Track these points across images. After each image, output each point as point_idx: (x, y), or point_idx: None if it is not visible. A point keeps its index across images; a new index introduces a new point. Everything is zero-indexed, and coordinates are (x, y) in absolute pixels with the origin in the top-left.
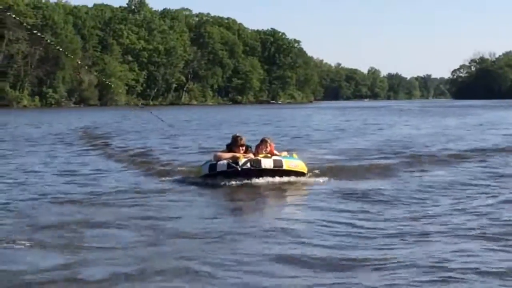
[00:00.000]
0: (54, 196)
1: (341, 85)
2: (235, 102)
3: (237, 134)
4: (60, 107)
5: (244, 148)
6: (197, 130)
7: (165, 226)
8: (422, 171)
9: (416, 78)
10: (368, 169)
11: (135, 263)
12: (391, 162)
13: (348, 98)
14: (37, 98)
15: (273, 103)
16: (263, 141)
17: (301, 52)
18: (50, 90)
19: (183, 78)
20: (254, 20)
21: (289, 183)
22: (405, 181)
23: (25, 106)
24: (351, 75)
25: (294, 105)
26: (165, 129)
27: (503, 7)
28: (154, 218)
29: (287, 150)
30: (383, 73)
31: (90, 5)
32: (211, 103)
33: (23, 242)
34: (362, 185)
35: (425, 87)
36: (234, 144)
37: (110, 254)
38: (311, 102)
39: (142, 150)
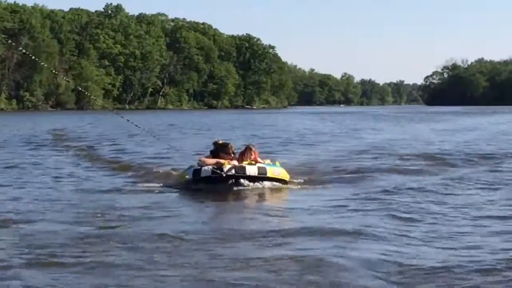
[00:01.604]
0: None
1: (315, 91)
2: (210, 106)
3: (227, 142)
4: (37, 111)
5: (232, 155)
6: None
7: (147, 230)
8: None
9: (389, 84)
10: (353, 173)
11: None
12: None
13: (321, 104)
14: (14, 101)
15: (248, 108)
16: (248, 149)
17: (276, 57)
18: (27, 94)
19: (159, 83)
20: (229, 25)
21: (272, 189)
22: (388, 185)
23: (2, 109)
24: (325, 81)
25: (269, 110)
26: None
27: (476, 15)
28: (137, 220)
29: (271, 158)
30: (357, 78)
31: (66, 9)
32: (186, 108)
33: None
34: (341, 191)
35: (398, 93)
36: (223, 151)
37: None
38: (285, 107)
39: (119, 154)
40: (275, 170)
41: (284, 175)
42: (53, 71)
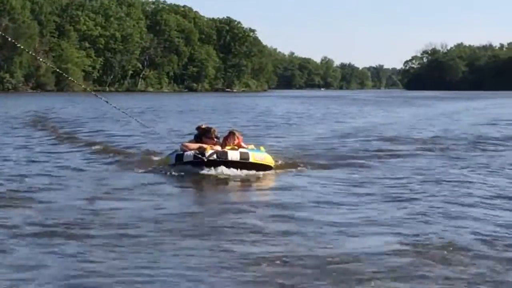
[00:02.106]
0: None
1: (294, 74)
2: (190, 89)
3: (210, 126)
4: (17, 92)
5: (215, 140)
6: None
7: (131, 217)
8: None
9: (369, 69)
10: (341, 158)
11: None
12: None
13: (301, 87)
14: None
15: (228, 91)
16: (231, 134)
17: (256, 41)
18: (7, 75)
19: (139, 65)
20: (209, 8)
21: (255, 175)
22: (370, 171)
23: None
24: (304, 64)
25: (249, 93)
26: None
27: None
28: (121, 209)
29: (255, 144)
30: (336, 62)
31: None
32: (166, 90)
33: None
34: (334, 174)
35: (377, 77)
36: (206, 136)
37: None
38: (265, 90)
39: (102, 137)
40: (258, 155)
41: (269, 161)
42: (32, 53)
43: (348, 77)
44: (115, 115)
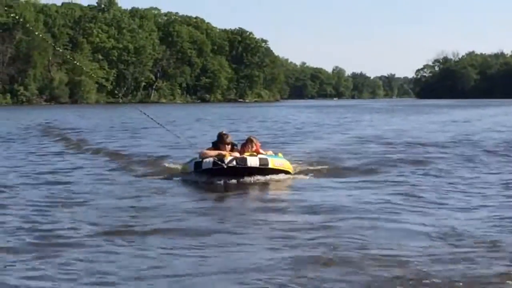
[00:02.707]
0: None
1: (306, 84)
2: (203, 100)
3: (224, 132)
4: (32, 105)
5: (230, 146)
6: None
7: (150, 225)
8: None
9: (380, 78)
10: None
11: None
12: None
13: (312, 97)
14: (8, 95)
15: (240, 101)
16: (249, 140)
17: (268, 51)
18: (21, 88)
19: (152, 77)
20: (222, 19)
21: (275, 181)
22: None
23: None
24: (316, 74)
25: (262, 103)
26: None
27: (467, 7)
28: (139, 217)
29: (273, 150)
30: (348, 72)
31: (59, 3)
32: (179, 102)
33: None
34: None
35: (389, 86)
36: (220, 142)
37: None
38: (277, 101)
39: (123, 147)
40: (277, 161)
41: (287, 166)
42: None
43: (360, 87)
44: (133, 125)
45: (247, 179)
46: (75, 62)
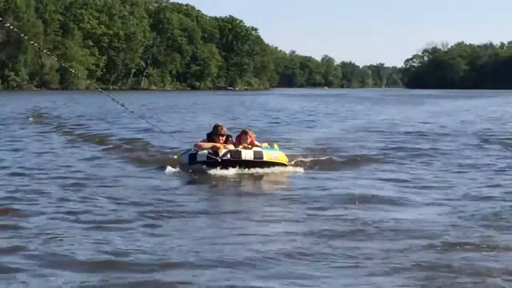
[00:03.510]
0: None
1: (295, 73)
2: (193, 88)
3: (219, 123)
4: (22, 90)
5: (224, 137)
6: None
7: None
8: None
9: (369, 67)
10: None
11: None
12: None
13: (301, 86)
14: None
15: (230, 89)
16: (244, 132)
17: (258, 39)
18: (12, 73)
19: (143, 64)
20: (212, 7)
21: (269, 174)
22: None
23: None
24: (305, 63)
25: (252, 91)
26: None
27: None
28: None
29: (268, 141)
30: (337, 61)
31: None
32: (169, 89)
33: None
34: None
35: (378, 76)
36: (215, 133)
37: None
38: (267, 89)
39: (113, 137)
40: (272, 154)
41: (283, 159)
42: (40, 49)
43: (349, 76)
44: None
45: (241, 171)
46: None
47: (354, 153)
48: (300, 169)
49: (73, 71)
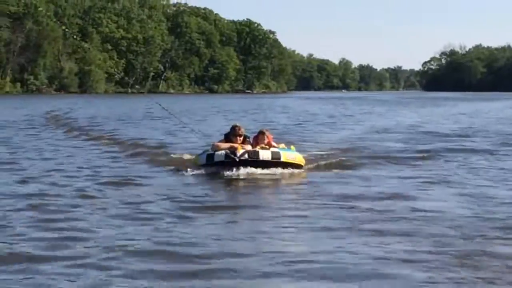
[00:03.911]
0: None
1: (313, 76)
2: (211, 91)
3: (236, 124)
4: (41, 94)
5: (242, 138)
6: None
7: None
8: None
9: (387, 70)
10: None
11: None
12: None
13: (319, 89)
14: (18, 84)
15: (248, 92)
16: (261, 133)
17: (276, 42)
18: (31, 77)
19: (161, 67)
20: (230, 10)
21: (286, 175)
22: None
23: (7, 92)
24: (323, 66)
25: (270, 94)
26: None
27: (474, 1)
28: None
29: (290, 143)
30: (354, 64)
31: None
32: (187, 92)
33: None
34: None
35: (395, 78)
36: (232, 134)
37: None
38: (284, 92)
39: (136, 138)
40: (290, 155)
41: (299, 160)
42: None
43: (366, 79)
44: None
45: (259, 172)
46: None
47: (376, 153)
48: (316, 172)
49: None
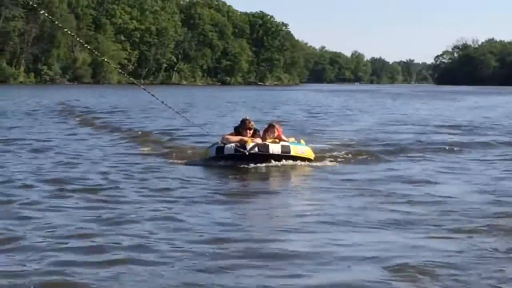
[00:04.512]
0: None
1: (325, 68)
2: (223, 83)
3: (246, 117)
4: (55, 84)
5: (251, 131)
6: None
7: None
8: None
9: (399, 63)
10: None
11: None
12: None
13: (331, 81)
14: (32, 74)
15: (260, 84)
16: (271, 126)
17: (289, 35)
18: (45, 67)
19: (174, 58)
20: (243, 2)
21: (296, 168)
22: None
23: (21, 82)
24: (335, 59)
25: (282, 87)
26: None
27: None
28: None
29: (295, 137)
30: (367, 57)
31: None
32: (200, 84)
33: None
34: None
35: (407, 72)
36: (242, 127)
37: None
38: (297, 84)
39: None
40: (299, 149)
41: (309, 154)
42: (75, 38)
43: (378, 72)
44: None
45: (268, 165)
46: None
47: (394, 144)
48: (327, 165)
49: (108, 63)
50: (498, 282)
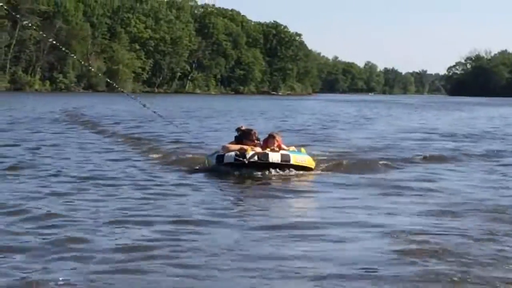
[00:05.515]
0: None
1: (338, 79)
2: (237, 92)
3: (250, 128)
4: (70, 92)
5: (256, 142)
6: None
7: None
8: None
9: (412, 74)
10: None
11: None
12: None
13: (344, 92)
14: (47, 82)
15: (273, 94)
16: (271, 136)
17: (302, 45)
18: (61, 76)
19: (188, 67)
20: (257, 12)
21: (295, 176)
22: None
23: (36, 90)
24: (348, 69)
25: (295, 96)
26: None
27: (500, 5)
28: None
29: (296, 145)
30: (379, 67)
31: None
32: (213, 93)
33: None
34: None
35: (420, 82)
36: (246, 137)
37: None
38: (310, 94)
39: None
40: (299, 158)
41: (309, 162)
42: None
43: (391, 82)
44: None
45: (268, 173)
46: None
47: (410, 153)
48: (327, 174)
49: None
50: None
